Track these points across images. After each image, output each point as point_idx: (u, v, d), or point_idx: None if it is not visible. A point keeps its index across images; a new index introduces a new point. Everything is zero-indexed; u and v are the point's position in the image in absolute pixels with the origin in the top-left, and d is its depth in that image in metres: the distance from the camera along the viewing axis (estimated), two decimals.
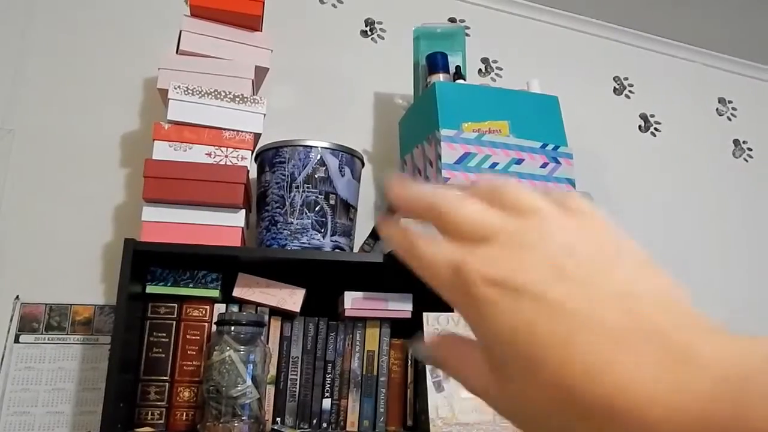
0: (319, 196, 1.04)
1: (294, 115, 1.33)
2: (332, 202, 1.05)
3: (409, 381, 1.04)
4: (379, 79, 1.41)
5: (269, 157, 1.07)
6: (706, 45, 1.67)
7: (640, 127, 1.59)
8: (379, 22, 1.47)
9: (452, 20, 1.51)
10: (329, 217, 1.04)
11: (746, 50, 1.69)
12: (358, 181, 1.12)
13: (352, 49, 1.43)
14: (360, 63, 1.42)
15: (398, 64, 1.32)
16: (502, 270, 0.18)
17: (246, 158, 1.01)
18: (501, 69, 1.50)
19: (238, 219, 0.97)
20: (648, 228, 1.52)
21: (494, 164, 1.01)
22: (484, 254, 0.18)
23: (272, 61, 1.10)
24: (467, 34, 1.51)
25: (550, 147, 1.05)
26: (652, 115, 1.60)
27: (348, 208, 1.07)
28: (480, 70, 1.49)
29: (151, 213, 0.95)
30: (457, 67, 1.13)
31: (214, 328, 0.95)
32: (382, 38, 1.46)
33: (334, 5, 1.45)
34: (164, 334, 0.95)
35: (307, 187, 1.03)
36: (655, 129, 1.60)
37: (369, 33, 1.46)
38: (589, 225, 0.19)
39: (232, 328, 0.89)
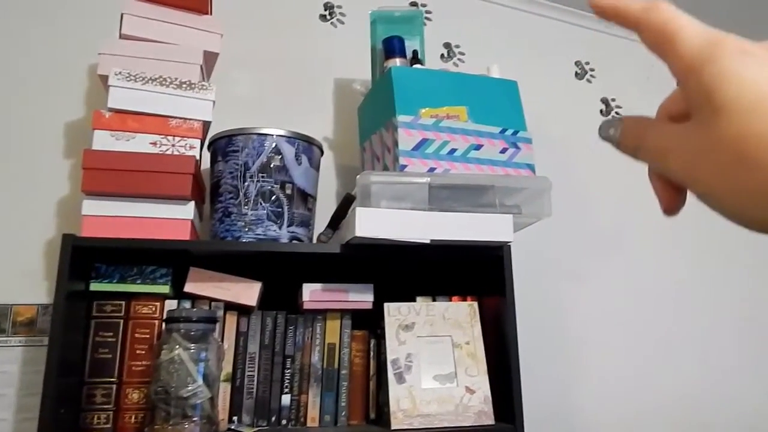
0: (275, 186, 1.00)
1: (252, 102, 1.29)
2: (288, 191, 1.01)
3: (371, 373, 1.02)
4: (340, 65, 1.37)
5: (222, 146, 1.03)
6: None
7: (601, 111, 1.60)
8: (339, 6, 1.42)
9: (414, 4, 1.48)
10: (285, 207, 1.00)
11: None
12: (317, 169, 1.09)
13: (311, 34, 1.39)
14: (319, 48, 1.38)
15: (358, 49, 1.29)
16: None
17: (195, 147, 0.96)
18: (463, 54, 1.48)
19: (186, 211, 0.93)
20: (612, 212, 1.53)
21: (453, 150, 0.99)
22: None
23: (229, 46, 1.05)
24: (429, 19, 1.48)
25: (509, 132, 1.03)
26: (613, 99, 1.61)
27: (306, 198, 1.04)
28: (442, 55, 1.47)
29: (92, 207, 0.89)
30: (415, 52, 1.10)
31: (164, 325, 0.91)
32: (342, 22, 1.42)
33: None
34: (111, 334, 0.90)
35: (262, 177, 1.00)
36: (616, 113, 1.61)
37: (328, 17, 1.42)
38: None
39: (182, 325, 0.85)
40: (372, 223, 0.89)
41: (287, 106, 1.31)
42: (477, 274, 1.09)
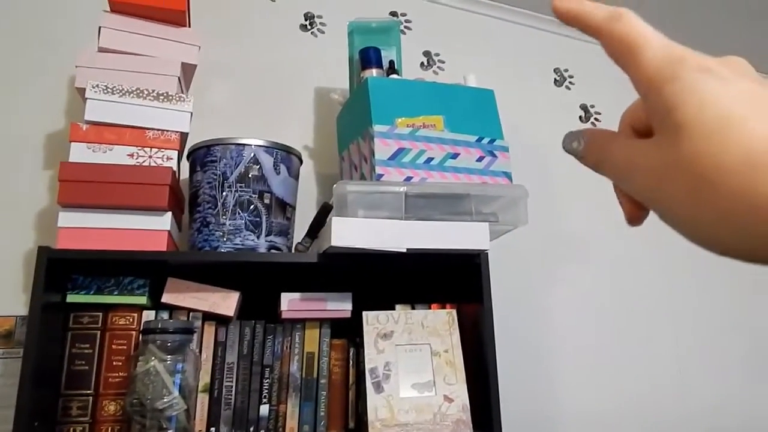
0: (253, 195, 1.01)
1: (234, 112, 1.29)
2: (267, 201, 1.02)
3: (350, 382, 1.02)
4: (320, 74, 1.38)
5: (200, 156, 1.03)
6: None
7: (580, 117, 1.62)
8: (319, 16, 1.44)
9: (393, 14, 1.50)
10: (264, 217, 1.01)
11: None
12: (296, 178, 1.10)
13: (292, 44, 1.40)
14: (300, 58, 1.39)
15: (339, 59, 1.30)
16: (705, 61, 0.22)
17: (172, 158, 0.96)
18: (443, 62, 1.49)
19: (163, 222, 0.93)
20: (589, 218, 1.54)
21: (429, 159, 1.00)
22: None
23: (209, 55, 1.06)
24: (408, 28, 1.49)
25: (485, 140, 1.05)
26: (592, 106, 1.63)
27: (284, 207, 1.04)
28: (422, 63, 1.48)
29: (68, 218, 0.90)
30: (391, 62, 1.11)
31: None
32: (323, 32, 1.43)
33: None
34: (88, 345, 0.90)
35: (240, 186, 1.00)
36: (596, 119, 1.63)
37: (309, 27, 1.43)
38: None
39: (158, 336, 0.85)
40: (348, 232, 0.90)
41: (267, 115, 1.31)
42: (455, 282, 1.10)
